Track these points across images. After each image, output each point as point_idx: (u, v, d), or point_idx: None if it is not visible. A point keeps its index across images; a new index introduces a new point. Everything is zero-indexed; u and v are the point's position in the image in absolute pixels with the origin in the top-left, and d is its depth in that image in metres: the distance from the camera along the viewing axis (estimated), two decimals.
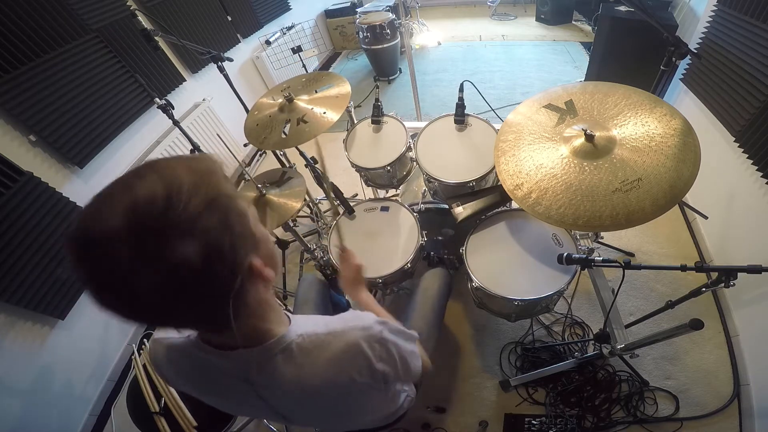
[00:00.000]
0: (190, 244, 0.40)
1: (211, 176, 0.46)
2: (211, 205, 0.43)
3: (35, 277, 1.56)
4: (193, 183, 0.43)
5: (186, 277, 0.41)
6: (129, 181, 0.42)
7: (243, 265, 0.48)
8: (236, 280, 0.47)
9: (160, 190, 0.41)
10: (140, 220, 0.39)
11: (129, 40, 2.09)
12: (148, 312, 0.45)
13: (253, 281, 0.51)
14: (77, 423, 1.76)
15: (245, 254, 0.48)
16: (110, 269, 0.40)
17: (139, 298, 0.41)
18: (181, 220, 0.40)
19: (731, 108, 1.67)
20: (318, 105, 1.52)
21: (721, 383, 1.55)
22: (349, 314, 0.67)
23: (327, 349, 0.61)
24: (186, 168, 0.45)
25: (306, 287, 1.34)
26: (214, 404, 0.73)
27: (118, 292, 0.41)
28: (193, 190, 0.42)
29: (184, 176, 0.43)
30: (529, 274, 1.28)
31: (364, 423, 0.92)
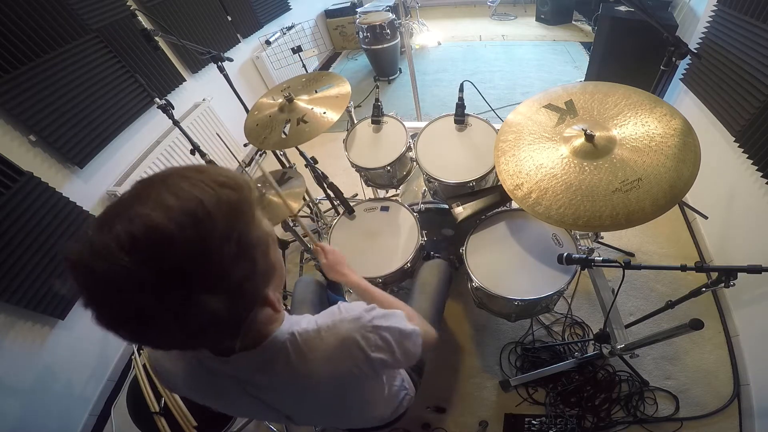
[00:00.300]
0: (220, 299, 0.38)
1: (244, 212, 0.41)
2: (243, 252, 0.40)
3: (35, 277, 1.56)
4: (225, 224, 0.38)
5: (207, 324, 0.40)
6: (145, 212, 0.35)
7: (259, 298, 0.48)
8: (250, 313, 0.47)
9: (189, 230, 0.35)
10: (166, 265, 0.35)
11: (129, 40, 2.09)
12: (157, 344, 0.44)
13: (263, 307, 0.52)
14: (77, 423, 1.76)
15: (263, 288, 0.48)
16: (131, 312, 0.36)
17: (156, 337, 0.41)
18: (211, 274, 0.37)
19: (731, 108, 1.67)
20: (318, 105, 1.52)
21: (721, 383, 1.55)
22: (337, 308, 0.66)
23: (319, 346, 0.61)
24: (216, 200, 0.38)
25: (302, 288, 1.33)
26: (216, 408, 0.73)
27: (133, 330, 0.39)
28: (225, 234, 0.38)
29: (216, 213, 0.37)
30: (529, 274, 1.28)
31: (366, 419, 0.92)
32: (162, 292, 0.35)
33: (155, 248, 0.34)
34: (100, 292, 0.36)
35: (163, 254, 0.34)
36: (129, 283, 0.34)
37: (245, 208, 0.42)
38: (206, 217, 0.37)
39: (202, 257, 0.36)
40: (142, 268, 0.34)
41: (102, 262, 0.34)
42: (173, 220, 0.35)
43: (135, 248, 0.34)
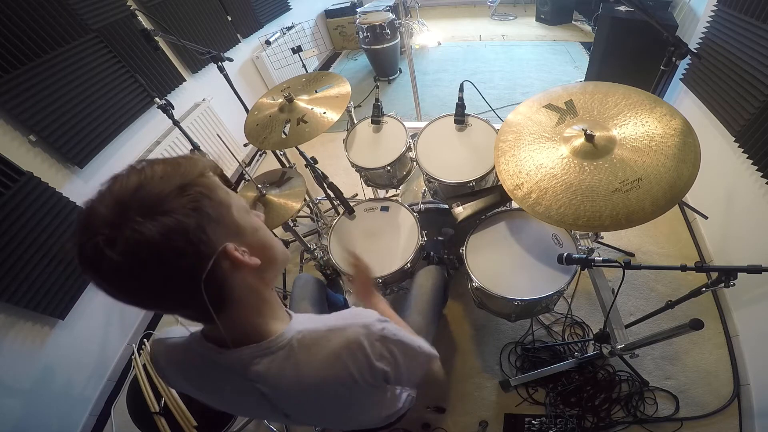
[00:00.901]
0: (150, 222, 0.43)
1: (186, 167, 0.49)
2: (180, 189, 0.46)
3: (35, 277, 1.56)
4: (165, 172, 0.47)
5: (144, 254, 0.43)
6: (117, 175, 0.47)
7: (214, 247, 0.48)
8: (205, 261, 0.47)
9: (133, 179, 0.46)
10: (112, 202, 0.44)
11: (129, 40, 2.09)
12: (122, 289, 0.47)
13: (235, 268, 0.51)
14: (77, 423, 1.76)
15: (219, 238, 0.49)
16: (88, 250, 0.43)
17: (109, 273, 0.44)
18: (144, 201, 0.44)
19: (731, 108, 1.67)
20: (318, 105, 1.52)
21: (721, 383, 1.55)
22: (348, 312, 0.66)
23: (326, 345, 0.60)
24: (162, 163, 0.48)
25: (301, 286, 1.34)
26: (214, 404, 0.72)
27: (98, 273, 0.45)
28: (162, 177, 0.46)
29: (158, 168, 0.47)
30: (529, 274, 1.28)
31: (364, 421, 0.92)
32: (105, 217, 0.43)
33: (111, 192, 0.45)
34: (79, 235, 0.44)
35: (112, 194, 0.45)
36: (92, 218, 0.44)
37: (188, 165, 0.49)
38: (148, 167, 0.47)
39: (139, 191, 0.44)
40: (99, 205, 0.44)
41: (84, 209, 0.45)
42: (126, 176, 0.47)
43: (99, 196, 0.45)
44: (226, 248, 0.49)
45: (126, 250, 0.42)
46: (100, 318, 1.94)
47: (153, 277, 0.45)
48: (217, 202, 0.49)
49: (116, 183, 0.46)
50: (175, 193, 0.45)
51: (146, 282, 0.46)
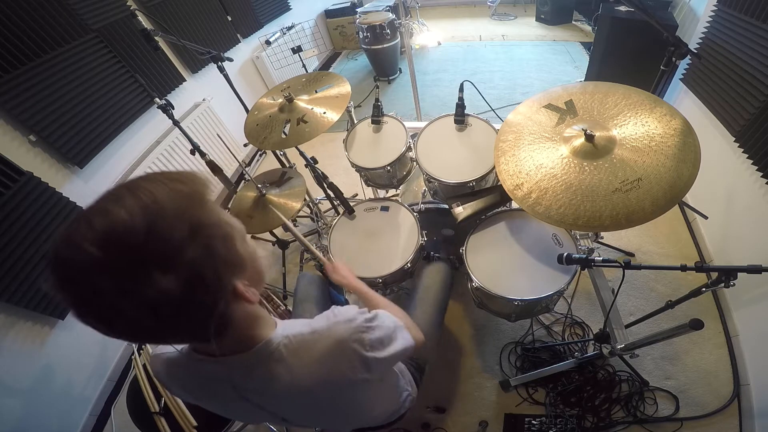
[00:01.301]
0: (172, 278, 0.40)
1: (193, 200, 0.44)
2: (195, 233, 0.42)
3: (35, 277, 1.56)
4: (175, 210, 0.41)
5: (165, 308, 0.41)
6: (104, 204, 0.41)
7: (227, 289, 0.48)
8: (219, 304, 0.47)
9: (139, 217, 0.39)
10: (119, 251, 0.38)
11: (129, 40, 2.09)
12: (128, 335, 0.46)
13: (239, 302, 0.52)
14: (77, 423, 1.76)
15: (229, 279, 0.48)
16: (89, 299, 0.39)
17: (119, 325, 0.42)
18: (162, 252, 0.39)
19: (731, 108, 1.67)
20: (318, 105, 1.52)
21: (721, 383, 1.55)
22: (330, 312, 0.67)
23: (314, 348, 0.61)
24: (167, 192, 0.42)
25: (305, 284, 1.34)
26: (215, 411, 0.73)
27: (98, 319, 0.41)
28: (176, 218, 0.41)
29: (167, 202, 0.41)
30: (529, 274, 1.28)
31: (365, 420, 0.92)
32: (115, 270, 0.38)
33: (111, 234, 0.38)
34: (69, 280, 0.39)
35: (118, 238, 0.38)
36: (90, 266, 0.38)
37: (196, 197, 0.45)
38: (154, 203, 0.41)
39: (151, 237, 0.39)
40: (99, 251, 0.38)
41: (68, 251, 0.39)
42: (126, 209, 0.39)
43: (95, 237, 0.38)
44: (236, 288, 0.49)
45: (148, 307, 0.40)
46: None
47: (166, 327, 0.44)
48: (223, 238, 0.47)
49: (114, 219, 0.39)
50: (189, 239, 0.41)
51: (157, 331, 0.45)
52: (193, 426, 1.24)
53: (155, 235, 0.39)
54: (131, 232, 0.38)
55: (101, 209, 0.40)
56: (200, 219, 0.44)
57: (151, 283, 0.39)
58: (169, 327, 0.45)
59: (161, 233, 0.39)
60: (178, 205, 0.42)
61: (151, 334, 0.46)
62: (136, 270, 0.39)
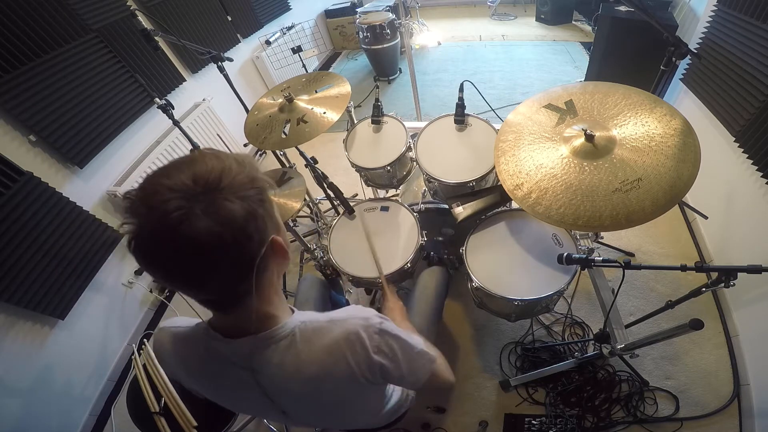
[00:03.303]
0: (237, 204, 0.49)
1: (252, 165, 0.55)
2: (252, 181, 0.52)
3: (35, 277, 1.56)
4: (239, 165, 0.53)
5: (229, 228, 0.48)
6: (193, 158, 0.52)
7: (268, 236, 0.55)
8: (262, 249, 0.53)
9: (216, 166, 0.50)
10: (201, 181, 0.48)
11: (129, 40, 2.09)
12: (187, 264, 0.49)
13: (274, 258, 0.57)
14: (77, 423, 1.76)
15: (271, 229, 0.55)
16: (172, 211, 0.45)
17: (187, 245, 0.46)
18: (230, 186, 0.50)
19: (731, 108, 1.67)
20: (318, 105, 1.52)
21: (721, 383, 1.55)
22: (350, 306, 0.69)
23: (326, 335, 0.62)
24: (234, 157, 0.54)
25: (307, 286, 1.34)
26: (211, 397, 0.72)
27: (171, 237, 0.46)
28: (239, 170, 0.52)
29: (233, 161, 0.53)
30: (529, 274, 1.28)
31: (364, 421, 0.92)
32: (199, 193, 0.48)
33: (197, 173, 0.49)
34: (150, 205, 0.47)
35: (202, 175, 0.49)
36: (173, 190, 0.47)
37: (253, 165, 0.55)
38: (226, 158, 0.53)
39: (224, 176, 0.50)
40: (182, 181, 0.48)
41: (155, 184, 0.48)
42: (205, 162, 0.51)
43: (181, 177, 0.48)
44: (274, 239, 0.55)
45: (217, 222, 0.47)
46: (100, 318, 1.94)
47: (226, 253, 0.49)
48: (269, 199, 0.56)
49: (197, 165, 0.50)
50: (249, 185, 0.51)
51: (217, 258, 0.49)
52: (193, 426, 1.23)
53: (227, 176, 0.50)
54: (211, 173, 0.49)
55: (190, 159, 0.52)
56: (256, 176, 0.54)
57: (222, 204, 0.48)
58: (225, 260, 0.50)
59: (230, 176, 0.50)
60: (241, 163, 0.53)
61: (206, 268, 0.50)
62: (213, 195, 0.48)
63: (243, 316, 0.58)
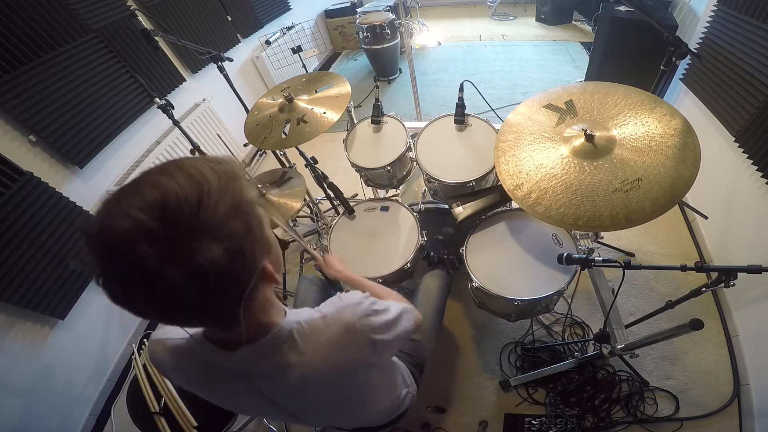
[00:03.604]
0: (218, 247, 0.42)
1: (236, 181, 0.47)
2: (236, 209, 0.45)
3: (35, 277, 1.56)
4: (220, 187, 0.44)
5: (211, 277, 0.42)
6: (155, 177, 0.43)
7: (258, 267, 0.50)
8: (251, 282, 0.48)
9: (190, 190, 0.41)
10: (171, 220, 0.40)
11: (129, 40, 2.09)
12: (163, 309, 0.45)
13: (264, 283, 0.54)
14: (77, 423, 1.76)
15: (260, 258, 0.51)
16: (135, 267, 0.39)
17: (160, 296, 0.42)
18: (209, 223, 0.42)
19: (731, 108, 1.67)
20: (318, 105, 1.52)
21: (721, 383, 1.55)
22: (336, 297, 0.69)
23: (325, 333, 0.63)
24: (212, 171, 0.45)
25: (306, 286, 1.34)
26: (216, 403, 0.72)
27: (138, 289, 0.41)
28: (220, 193, 0.44)
29: (212, 179, 0.44)
30: (529, 274, 1.28)
31: (368, 416, 0.92)
32: (167, 238, 0.39)
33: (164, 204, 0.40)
34: (113, 249, 0.40)
35: (171, 208, 0.40)
36: (140, 234, 0.39)
37: (237, 177, 0.48)
38: (203, 178, 0.43)
39: (202, 208, 0.41)
40: (151, 220, 0.39)
41: (116, 220, 0.40)
42: (177, 182, 0.42)
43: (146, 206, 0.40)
44: (264, 267, 0.51)
45: (194, 276, 0.41)
46: (100, 318, 1.93)
47: (204, 300, 0.44)
48: (258, 219, 0.50)
49: (165, 190, 0.41)
50: (232, 214, 0.44)
51: (194, 304, 0.44)
52: (193, 426, 1.24)
53: (205, 206, 0.41)
54: (184, 203, 0.41)
55: (152, 181, 0.42)
56: (241, 197, 0.46)
57: (199, 250, 0.40)
58: (207, 301, 0.45)
59: (210, 205, 0.42)
60: (223, 182, 0.45)
61: (186, 311, 0.46)
62: (188, 238, 0.40)
63: (235, 331, 0.54)
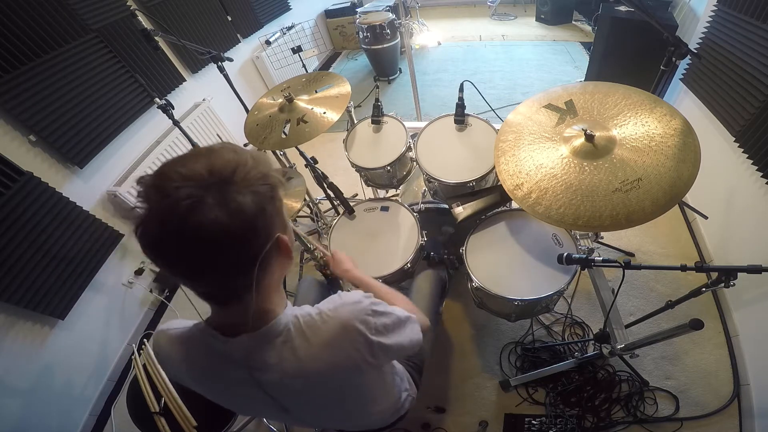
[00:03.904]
0: (248, 198, 0.50)
1: (267, 163, 0.56)
2: (264, 178, 0.54)
3: (35, 277, 1.56)
4: (254, 161, 0.54)
5: (239, 220, 0.49)
6: (211, 149, 0.53)
7: (274, 234, 0.55)
8: (267, 246, 0.54)
9: (233, 159, 0.52)
10: (217, 172, 0.50)
11: (129, 40, 2.09)
12: (195, 252, 0.49)
13: (278, 256, 0.58)
14: (77, 423, 1.76)
15: (277, 227, 0.56)
16: (182, 201, 0.46)
17: (196, 233, 0.47)
18: (244, 179, 0.51)
19: (731, 108, 1.67)
20: (318, 105, 1.52)
21: (721, 383, 1.55)
22: (336, 295, 0.69)
23: (321, 330, 0.63)
24: (250, 153, 0.55)
25: (306, 288, 1.34)
26: (213, 398, 0.72)
27: (181, 224, 0.47)
28: (254, 165, 0.53)
29: (248, 157, 0.54)
30: (529, 274, 1.28)
31: (366, 418, 0.92)
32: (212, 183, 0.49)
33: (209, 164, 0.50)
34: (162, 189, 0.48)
35: (213, 165, 0.50)
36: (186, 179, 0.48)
37: (267, 163, 0.57)
38: (242, 153, 0.54)
39: (238, 170, 0.51)
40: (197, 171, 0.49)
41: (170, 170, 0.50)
42: (221, 155, 0.52)
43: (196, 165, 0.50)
44: (280, 237, 0.56)
45: (227, 213, 0.48)
46: (100, 318, 1.94)
47: (231, 246, 0.50)
48: (279, 198, 0.57)
49: (214, 156, 0.51)
50: (262, 180, 0.53)
51: (221, 249, 0.50)
52: (193, 426, 1.24)
53: (241, 170, 0.51)
54: (227, 165, 0.51)
55: (208, 150, 0.53)
56: (268, 174, 0.55)
57: (235, 196, 0.49)
58: (231, 250, 0.50)
59: (245, 171, 0.51)
60: (256, 159, 0.55)
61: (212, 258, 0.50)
62: (227, 186, 0.49)
63: (240, 311, 0.58)
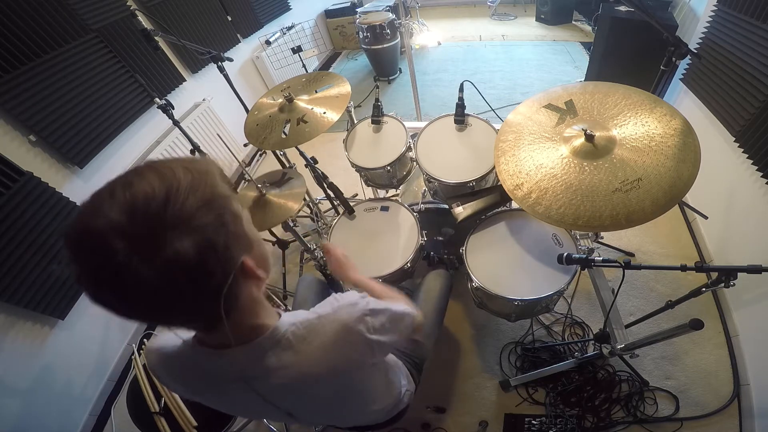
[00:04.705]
0: (186, 240, 0.42)
1: (208, 177, 0.48)
2: (207, 204, 0.45)
3: (35, 277, 1.56)
4: (190, 182, 0.45)
5: (180, 271, 0.42)
6: (128, 178, 0.44)
7: (236, 263, 0.49)
8: (228, 278, 0.47)
9: (158, 187, 0.43)
10: (139, 215, 0.41)
11: (129, 40, 2.09)
12: (141, 307, 0.45)
13: (246, 280, 0.52)
14: (77, 423, 1.76)
15: (238, 253, 0.49)
16: (106, 262, 0.40)
17: (133, 292, 0.42)
18: (178, 216, 0.42)
19: (731, 108, 1.67)
20: (318, 105, 1.52)
21: (721, 383, 1.55)
22: (332, 297, 0.69)
23: (321, 334, 0.62)
24: (184, 169, 0.46)
25: (305, 287, 1.34)
26: (216, 407, 0.73)
27: (112, 286, 0.42)
28: (190, 189, 0.44)
29: (182, 176, 0.45)
30: (529, 274, 1.28)
31: (366, 414, 0.92)
32: (134, 233, 0.41)
33: (130, 201, 0.42)
34: (88, 247, 0.41)
35: (136, 203, 0.41)
36: (110, 230, 0.40)
37: (210, 174, 0.48)
38: (173, 176, 0.45)
39: (169, 204, 0.42)
40: (122, 216, 0.41)
41: (90, 218, 0.42)
42: (147, 181, 0.43)
43: (117, 205, 0.41)
44: (244, 263, 0.50)
45: (163, 269, 0.41)
46: (100, 318, 1.93)
47: (179, 296, 0.44)
48: (234, 215, 0.49)
49: (134, 188, 0.42)
50: (203, 208, 0.44)
51: (169, 301, 0.44)
52: (193, 426, 1.24)
53: (173, 202, 0.42)
54: (152, 199, 0.42)
55: (124, 182, 0.43)
56: (213, 193, 0.47)
57: (167, 243, 0.41)
58: (183, 297, 0.44)
59: (178, 201, 0.43)
60: (194, 178, 0.46)
61: (164, 308, 0.46)
62: (153, 232, 0.41)
63: (224, 333, 0.52)
